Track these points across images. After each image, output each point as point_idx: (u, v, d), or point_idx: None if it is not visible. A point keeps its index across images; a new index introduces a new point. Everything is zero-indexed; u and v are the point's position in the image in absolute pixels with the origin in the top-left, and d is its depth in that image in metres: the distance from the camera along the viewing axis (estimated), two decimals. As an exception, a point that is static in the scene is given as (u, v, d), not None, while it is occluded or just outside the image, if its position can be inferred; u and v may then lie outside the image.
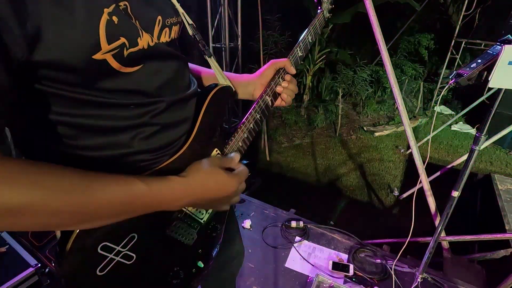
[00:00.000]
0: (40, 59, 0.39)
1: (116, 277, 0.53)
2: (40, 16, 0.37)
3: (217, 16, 3.08)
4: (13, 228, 0.38)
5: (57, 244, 0.49)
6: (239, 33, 3.23)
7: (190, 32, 0.67)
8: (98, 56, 0.43)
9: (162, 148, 0.59)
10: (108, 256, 0.51)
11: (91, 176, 0.42)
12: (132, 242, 0.54)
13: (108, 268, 0.51)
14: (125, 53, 0.46)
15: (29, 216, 0.36)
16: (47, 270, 1.37)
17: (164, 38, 0.56)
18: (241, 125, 0.76)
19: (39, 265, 1.34)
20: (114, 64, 0.46)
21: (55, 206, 0.38)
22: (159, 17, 0.54)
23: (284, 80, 0.83)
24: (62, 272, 0.47)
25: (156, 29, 0.53)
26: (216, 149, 0.70)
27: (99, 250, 0.50)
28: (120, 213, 0.47)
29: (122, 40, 0.45)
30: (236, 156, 0.67)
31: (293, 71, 0.84)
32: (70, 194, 0.39)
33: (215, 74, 0.75)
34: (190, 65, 0.82)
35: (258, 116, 0.79)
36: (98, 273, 0.50)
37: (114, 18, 0.44)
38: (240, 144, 0.76)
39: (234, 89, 0.78)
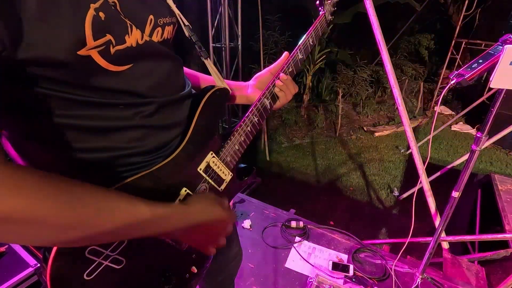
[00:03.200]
0: (25, 56, 0.38)
1: (105, 282, 0.52)
2: (25, 11, 0.36)
3: (217, 16, 3.07)
4: (14, 239, 0.36)
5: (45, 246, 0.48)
6: (239, 33, 3.22)
7: (187, 33, 0.66)
8: (83, 52, 0.42)
9: (155, 150, 0.58)
10: (96, 260, 0.50)
11: (99, 193, 0.41)
12: (122, 246, 0.53)
13: (96, 272, 0.50)
14: (112, 50, 0.46)
15: (32, 226, 0.34)
16: (46, 270, 1.36)
17: (156, 38, 0.55)
18: (238, 128, 0.75)
19: (38, 265, 1.34)
20: (101, 61, 0.45)
21: (63, 219, 0.36)
22: (151, 16, 0.52)
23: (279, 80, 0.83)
24: (48, 275, 0.46)
25: (148, 28, 0.52)
26: (211, 152, 0.69)
27: (86, 254, 0.49)
28: (120, 235, 0.45)
29: (108, 37, 0.44)
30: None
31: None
32: (78, 208, 0.37)
33: (212, 78, 0.74)
34: (188, 70, 0.82)
35: (255, 119, 0.78)
36: (85, 277, 0.49)
37: (101, 14, 0.43)
38: (237, 147, 0.75)
39: (230, 91, 0.77)
